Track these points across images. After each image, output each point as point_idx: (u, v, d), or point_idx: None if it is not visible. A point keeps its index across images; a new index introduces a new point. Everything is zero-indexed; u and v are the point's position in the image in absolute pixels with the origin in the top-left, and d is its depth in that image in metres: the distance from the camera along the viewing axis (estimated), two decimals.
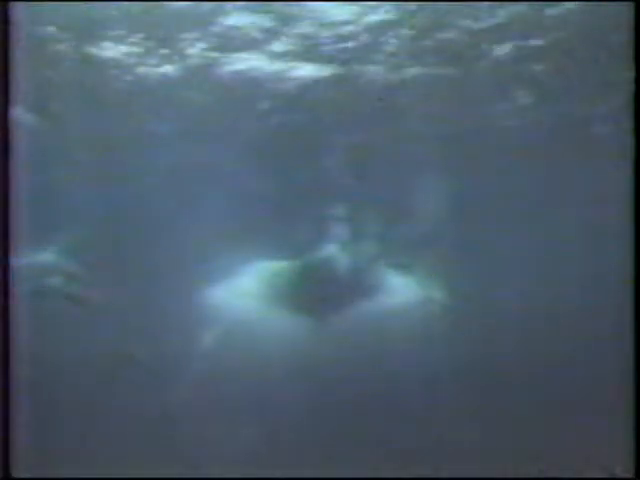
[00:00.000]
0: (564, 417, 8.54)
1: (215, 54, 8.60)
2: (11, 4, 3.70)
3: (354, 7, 7.99)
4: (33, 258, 9.73)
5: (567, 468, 7.13)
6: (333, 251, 10.88)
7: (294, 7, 7.97)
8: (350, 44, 8.44)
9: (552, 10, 7.93)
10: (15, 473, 4.04)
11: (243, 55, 8.67)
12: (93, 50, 8.41)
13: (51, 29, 8.04)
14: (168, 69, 8.91)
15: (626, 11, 5.26)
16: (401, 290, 10.92)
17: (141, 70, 8.83)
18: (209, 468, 7.77)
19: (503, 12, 8.01)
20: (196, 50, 8.54)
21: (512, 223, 10.80)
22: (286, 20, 8.10)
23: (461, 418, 8.63)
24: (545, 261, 10.65)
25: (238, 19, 8.06)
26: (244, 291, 10.88)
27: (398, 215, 10.99)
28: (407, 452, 8.09)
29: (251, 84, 9.13)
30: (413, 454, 8.04)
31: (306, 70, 8.90)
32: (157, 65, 8.80)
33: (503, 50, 8.55)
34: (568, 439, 8.02)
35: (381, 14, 8.00)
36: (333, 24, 8.19)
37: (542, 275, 10.55)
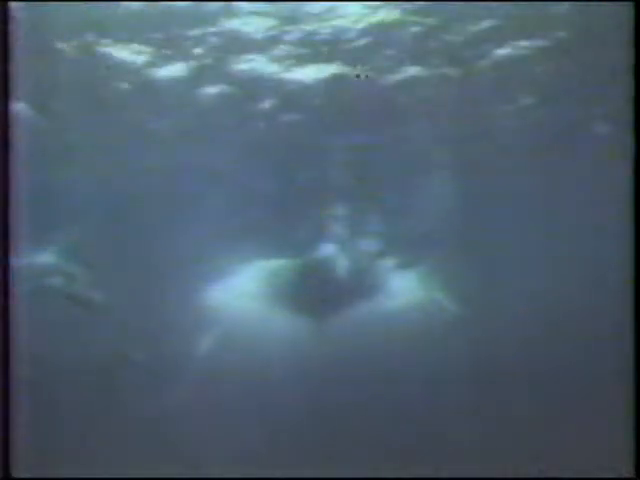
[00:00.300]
0: (564, 417, 8.54)
1: (217, 55, 8.59)
2: (11, 4, 3.70)
3: (356, 8, 7.99)
4: (33, 258, 9.73)
5: (567, 468, 7.13)
6: (335, 251, 10.88)
7: (297, 9, 7.97)
8: (353, 45, 8.44)
9: (553, 10, 7.93)
10: (15, 473, 4.04)
11: (246, 56, 8.67)
12: (95, 49, 8.40)
13: (52, 28, 8.03)
14: (170, 69, 8.91)
15: (626, 11, 5.27)
16: (404, 290, 10.92)
17: (143, 70, 8.82)
18: (209, 468, 7.77)
19: (504, 13, 8.01)
20: (199, 51, 8.54)
21: (512, 223, 10.79)
22: (289, 21, 8.10)
23: (461, 418, 8.63)
24: (545, 261, 10.64)
25: (241, 21, 8.06)
26: (245, 291, 10.88)
27: (400, 216, 10.98)
28: (407, 452, 8.09)
29: (253, 85, 9.13)
30: (413, 454, 8.04)
31: (308, 71, 8.90)
32: (159, 65, 8.80)
33: (504, 51, 8.55)
34: (568, 439, 8.02)
35: (383, 14, 8.00)
36: (336, 26, 8.19)
37: (542, 275, 10.55)
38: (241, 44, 8.46)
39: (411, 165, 10.67)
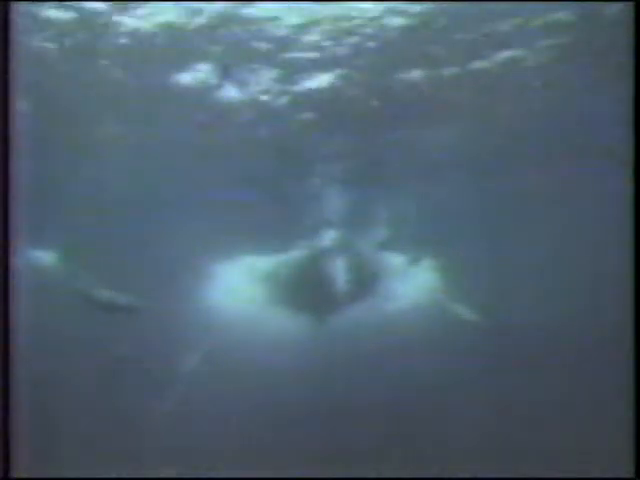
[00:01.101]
0: (564, 418, 8.56)
1: (229, 58, 8.58)
2: (11, 4, 3.70)
3: (364, 11, 8.00)
4: (34, 257, 9.74)
5: (567, 468, 7.14)
6: (338, 251, 10.92)
7: (306, 13, 7.99)
8: (360, 47, 8.45)
9: (555, 12, 7.95)
10: (15, 473, 4.04)
11: (256, 58, 8.67)
12: (99, 48, 8.38)
13: (54, 27, 8.04)
14: (174, 69, 8.91)
15: (626, 11, 5.27)
16: (406, 291, 10.96)
17: (149, 69, 8.80)
18: (209, 468, 7.78)
19: (508, 15, 8.03)
20: (209, 54, 8.54)
21: (514, 224, 10.81)
22: (298, 26, 8.14)
23: (462, 419, 8.64)
24: (546, 264, 10.67)
25: (251, 26, 8.07)
26: (248, 290, 10.92)
27: (403, 216, 11.03)
28: (408, 452, 8.10)
29: (261, 86, 9.16)
30: (414, 454, 8.05)
31: (317, 73, 8.92)
32: (166, 64, 8.78)
33: (508, 53, 8.57)
34: (568, 439, 8.03)
35: (391, 18, 8.02)
36: (344, 29, 8.21)
37: (543, 277, 10.57)
38: (251, 48, 8.44)
39: (417, 165, 10.71)
